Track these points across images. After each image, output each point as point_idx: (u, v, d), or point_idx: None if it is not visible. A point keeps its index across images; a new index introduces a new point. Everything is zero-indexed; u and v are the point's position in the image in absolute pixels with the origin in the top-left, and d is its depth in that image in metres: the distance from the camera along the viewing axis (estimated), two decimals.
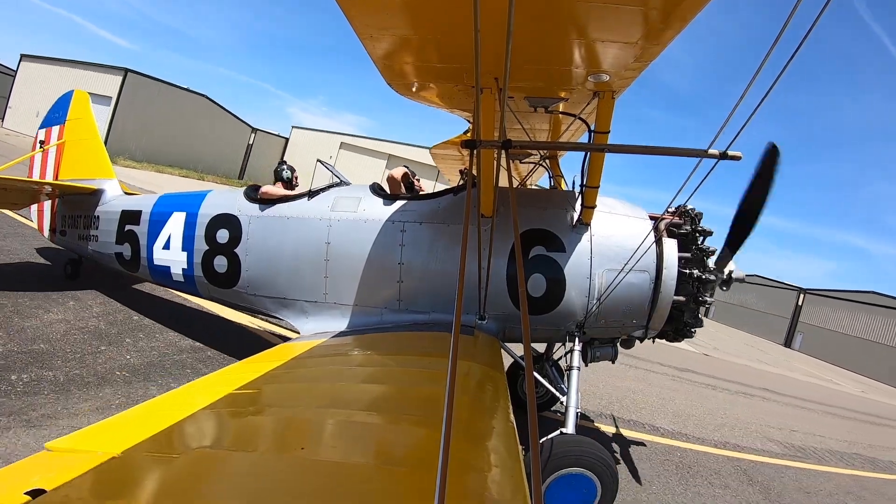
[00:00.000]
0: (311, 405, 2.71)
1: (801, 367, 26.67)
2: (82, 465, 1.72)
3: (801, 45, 1.76)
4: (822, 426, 10.87)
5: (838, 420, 12.34)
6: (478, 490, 1.86)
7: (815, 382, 20.45)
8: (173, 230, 5.52)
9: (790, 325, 42.94)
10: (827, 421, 11.74)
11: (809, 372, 24.79)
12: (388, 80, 3.44)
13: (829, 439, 9.60)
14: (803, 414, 11.84)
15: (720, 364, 16.67)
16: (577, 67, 3.06)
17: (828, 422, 11.67)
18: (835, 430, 10.72)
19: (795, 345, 41.43)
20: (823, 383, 21.28)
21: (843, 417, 12.95)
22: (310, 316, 4.92)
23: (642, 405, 8.40)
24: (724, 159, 2.53)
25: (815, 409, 13.08)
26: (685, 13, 2.32)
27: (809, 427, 10.31)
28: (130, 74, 34.13)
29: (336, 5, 2.40)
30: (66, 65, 36.45)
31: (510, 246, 4.46)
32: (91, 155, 7.40)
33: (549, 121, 4.62)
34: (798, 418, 11.01)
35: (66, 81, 33.58)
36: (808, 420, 11.19)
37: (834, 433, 10.37)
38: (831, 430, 10.60)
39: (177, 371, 5.28)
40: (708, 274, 4.47)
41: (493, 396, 2.90)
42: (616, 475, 3.64)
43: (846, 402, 16.70)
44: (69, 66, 36.16)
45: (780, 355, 30.69)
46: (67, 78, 34.47)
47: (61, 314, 5.93)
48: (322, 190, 5.14)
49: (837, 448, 9.08)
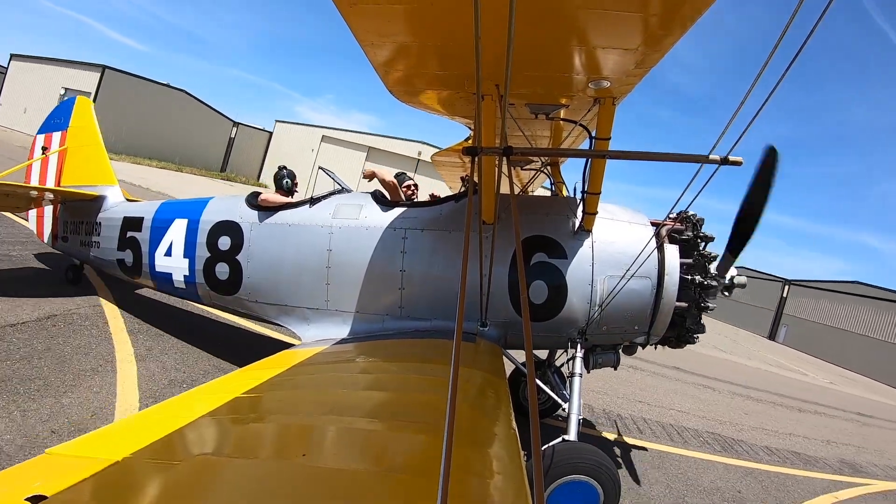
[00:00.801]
0: (312, 412, 2.70)
1: (776, 359, 26.29)
2: (83, 470, 1.71)
3: (802, 48, 1.77)
4: (740, 413, 10.28)
5: (775, 409, 11.81)
6: (480, 496, 1.85)
7: (780, 373, 19.97)
8: (175, 237, 5.53)
9: (775, 317, 42.42)
10: (758, 409, 11.25)
11: (784, 364, 24.41)
12: (389, 87, 3.46)
13: (731, 425, 9.07)
14: (744, 404, 11.37)
15: (689, 356, 15.75)
16: (578, 74, 3.07)
17: (759, 409, 11.17)
18: (758, 419, 10.15)
19: (780, 338, 40.84)
20: (793, 374, 20.89)
21: (784, 407, 12.40)
22: (311, 323, 4.92)
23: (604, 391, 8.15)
24: (725, 164, 2.54)
25: (761, 398, 12.63)
26: (685, 19, 2.34)
27: (730, 416, 9.76)
28: (108, 71, 36.09)
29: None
30: (51, 63, 38.56)
31: (511, 253, 4.46)
32: (93, 161, 7.43)
33: (550, 127, 4.64)
34: (732, 407, 10.58)
35: (50, 79, 36.90)
36: (737, 408, 10.66)
37: (748, 421, 9.77)
38: (751, 419, 10.02)
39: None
40: (710, 280, 4.46)
41: (495, 403, 2.89)
42: (618, 482, 3.62)
43: (805, 393, 16.16)
44: (53, 65, 38.31)
45: (759, 348, 30.21)
46: (51, 75, 37.21)
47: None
48: (324, 197, 5.15)
49: (728, 434, 8.44)
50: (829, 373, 27.50)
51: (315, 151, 44.70)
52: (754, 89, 2.03)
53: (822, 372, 26.65)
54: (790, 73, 1.89)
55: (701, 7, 2.23)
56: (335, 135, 45.21)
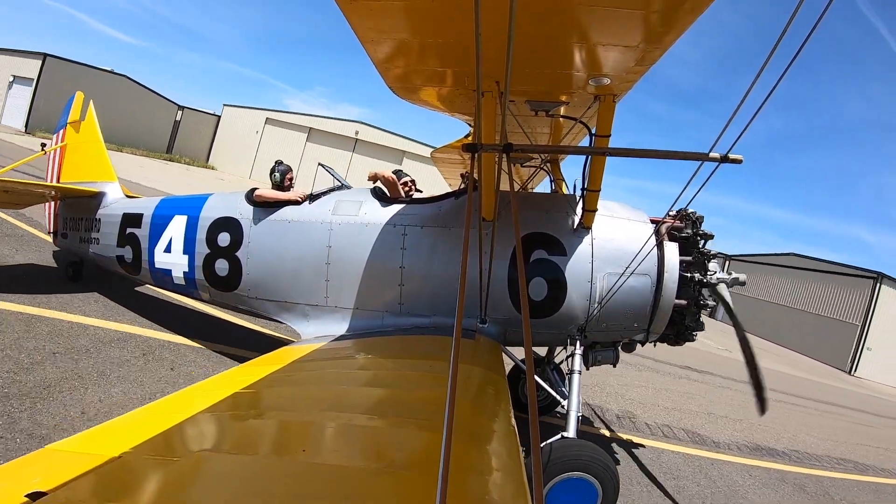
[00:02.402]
0: (312, 408, 2.70)
1: (708, 338, 24.93)
2: (82, 466, 1.72)
3: (804, 45, 1.77)
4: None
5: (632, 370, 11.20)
6: (479, 493, 1.86)
7: (703, 350, 18.63)
8: (174, 233, 5.53)
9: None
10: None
11: (710, 343, 23.25)
12: (389, 84, 3.45)
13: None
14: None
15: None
16: (578, 71, 3.07)
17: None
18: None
19: (719, 315, 39.62)
20: (715, 350, 19.82)
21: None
22: (311, 319, 4.92)
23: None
24: (725, 162, 2.53)
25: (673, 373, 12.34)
26: (686, 16, 2.33)
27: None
28: (49, 58, 37.77)
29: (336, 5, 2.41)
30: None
31: (511, 249, 4.46)
32: (92, 157, 7.42)
33: (550, 124, 4.63)
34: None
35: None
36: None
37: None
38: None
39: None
40: (709, 277, 4.46)
41: (495, 400, 2.90)
42: (617, 479, 3.63)
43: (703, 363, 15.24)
44: (1, 55, 40.40)
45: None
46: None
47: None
48: (323, 193, 5.14)
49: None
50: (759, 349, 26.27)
51: (259, 133, 47.04)
52: (750, 88, 2.03)
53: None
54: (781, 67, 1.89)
55: (702, 4, 2.23)
56: (278, 117, 47.03)
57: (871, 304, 31.27)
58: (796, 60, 1.84)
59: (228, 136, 48.91)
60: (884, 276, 31.16)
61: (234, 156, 47.71)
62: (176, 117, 48.63)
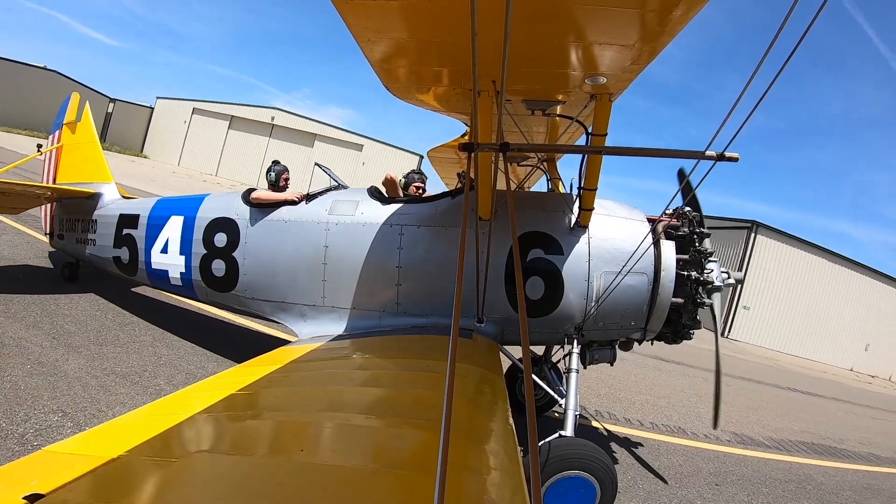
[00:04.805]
0: (309, 408, 2.70)
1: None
2: (80, 468, 1.71)
3: (797, 47, 1.77)
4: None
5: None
6: (477, 492, 1.86)
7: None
8: (171, 234, 5.52)
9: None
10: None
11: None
12: (385, 84, 3.45)
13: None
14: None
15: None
16: (575, 70, 3.07)
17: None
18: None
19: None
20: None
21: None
22: (308, 319, 4.91)
23: None
24: (721, 161, 2.54)
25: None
26: (682, 15, 2.34)
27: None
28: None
29: (332, 6, 2.41)
30: None
31: (508, 249, 4.46)
32: (89, 158, 7.40)
33: (546, 123, 4.63)
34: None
35: None
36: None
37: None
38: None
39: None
40: (706, 276, 4.47)
41: (492, 399, 2.90)
42: (615, 477, 3.63)
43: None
44: None
45: None
46: None
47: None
48: (320, 193, 5.13)
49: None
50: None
51: (187, 123, 50.36)
52: (745, 86, 2.03)
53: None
54: (769, 67, 1.89)
55: (698, 2, 2.23)
56: (204, 107, 50.13)
57: (746, 257, 27.51)
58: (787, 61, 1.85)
59: (161, 127, 52.17)
60: (759, 225, 27.83)
61: (165, 145, 51.24)
62: (108, 109, 50.82)
